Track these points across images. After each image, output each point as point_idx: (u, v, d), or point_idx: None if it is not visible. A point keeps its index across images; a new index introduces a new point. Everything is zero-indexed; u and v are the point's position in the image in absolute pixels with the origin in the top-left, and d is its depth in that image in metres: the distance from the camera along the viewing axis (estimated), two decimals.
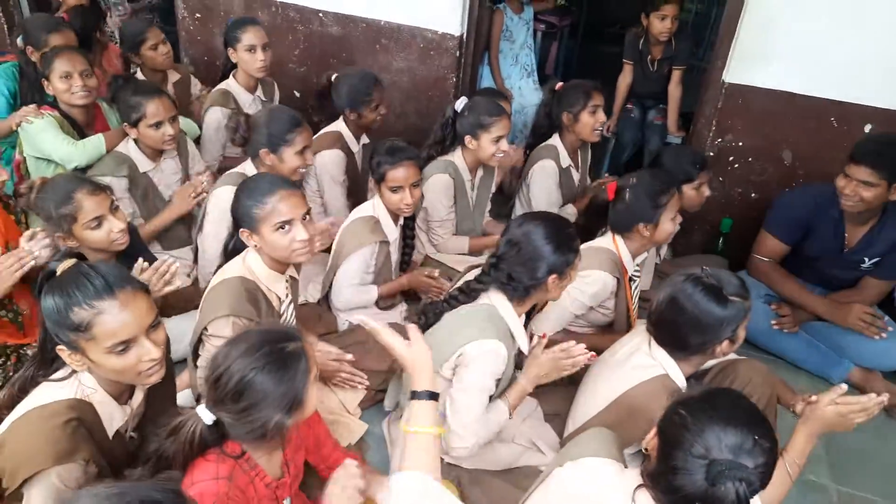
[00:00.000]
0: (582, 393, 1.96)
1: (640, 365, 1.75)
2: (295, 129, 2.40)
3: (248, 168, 2.47)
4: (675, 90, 3.73)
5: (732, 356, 1.94)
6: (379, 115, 2.88)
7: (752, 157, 3.07)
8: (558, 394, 2.18)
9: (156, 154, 2.67)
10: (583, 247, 2.25)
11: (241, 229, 1.88)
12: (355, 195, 2.97)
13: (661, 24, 3.52)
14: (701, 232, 3.32)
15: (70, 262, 1.45)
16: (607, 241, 2.29)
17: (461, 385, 1.78)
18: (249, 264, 1.91)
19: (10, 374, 2.17)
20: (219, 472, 1.37)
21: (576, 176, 3.08)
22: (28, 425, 1.39)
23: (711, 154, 3.15)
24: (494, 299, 1.84)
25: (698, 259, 3.12)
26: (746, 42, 2.85)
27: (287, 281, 2.01)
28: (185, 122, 2.98)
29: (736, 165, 3.12)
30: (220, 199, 2.35)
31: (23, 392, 1.49)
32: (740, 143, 3.06)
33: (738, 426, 1.15)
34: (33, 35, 2.96)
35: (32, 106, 2.66)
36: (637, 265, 2.35)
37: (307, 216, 1.88)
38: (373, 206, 2.44)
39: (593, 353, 1.88)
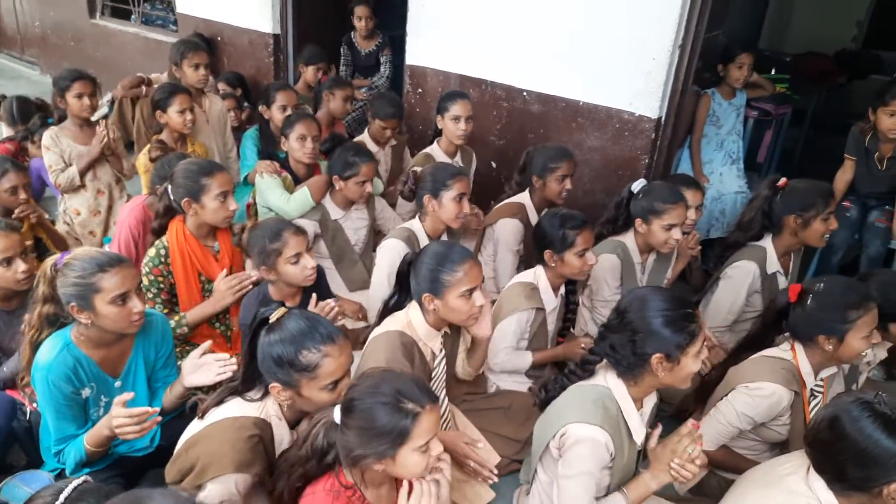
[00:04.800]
0: None
1: (793, 490, 1.54)
2: (455, 176, 2.64)
3: (414, 225, 2.72)
4: None
5: None
6: (564, 189, 2.96)
7: None
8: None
9: (347, 204, 3.05)
10: (757, 355, 2.12)
11: (425, 294, 1.99)
12: (527, 264, 3.05)
13: (890, 121, 3.14)
14: None
15: (283, 310, 1.67)
16: (786, 351, 2.09)
17: (565, 471, 1.71)
18: (411, 319, 2.07)
19: None
20: None
21: (782, 283, 2.74)
22: (220, 432, 1.63)
23: None
24: (610, 379, 1.75)
25: None
26: None
27: (443, 337, 2.15)
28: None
29: None
30: (388, 249, 2.61)
31: (220, 404, 1.73)
32: None
33: None
34: (267, 96, 3.65)
35: (268, 161, 3.20)
36: (820, 380, 2.09)
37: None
38: (534, 274, 2.51)
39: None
